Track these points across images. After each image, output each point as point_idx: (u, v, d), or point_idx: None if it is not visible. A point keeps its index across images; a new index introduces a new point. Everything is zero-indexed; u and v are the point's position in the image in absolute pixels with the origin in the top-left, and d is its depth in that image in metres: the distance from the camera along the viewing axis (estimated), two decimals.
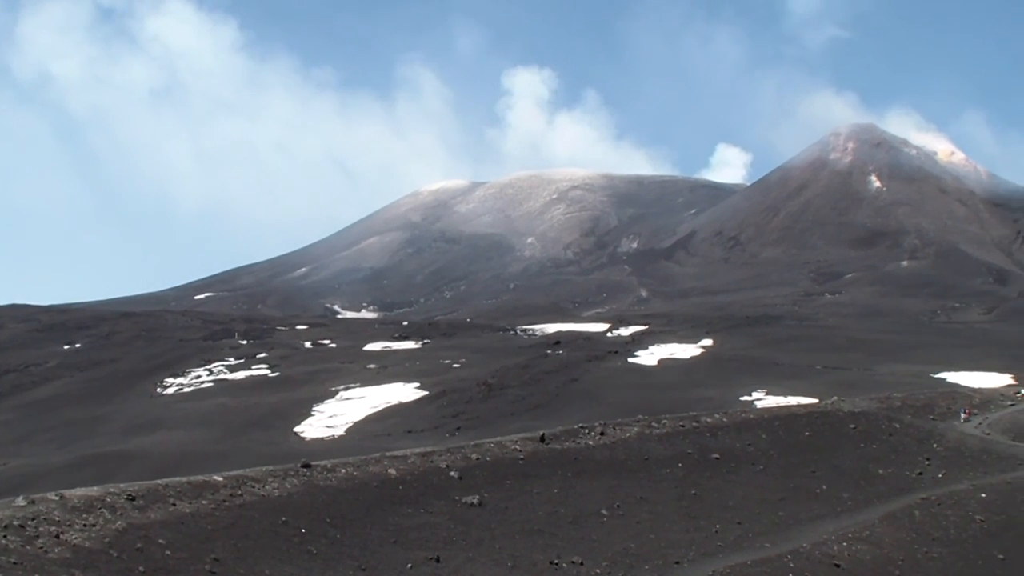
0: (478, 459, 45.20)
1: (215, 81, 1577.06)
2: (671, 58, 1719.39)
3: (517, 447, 48.10)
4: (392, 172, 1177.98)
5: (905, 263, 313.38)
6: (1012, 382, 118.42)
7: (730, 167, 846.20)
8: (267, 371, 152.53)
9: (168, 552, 29.79)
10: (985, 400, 80.00)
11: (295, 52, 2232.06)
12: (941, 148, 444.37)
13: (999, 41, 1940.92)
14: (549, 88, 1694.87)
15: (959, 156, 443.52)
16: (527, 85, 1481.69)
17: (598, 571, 34.89)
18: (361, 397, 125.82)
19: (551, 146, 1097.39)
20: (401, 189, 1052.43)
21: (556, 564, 34.91)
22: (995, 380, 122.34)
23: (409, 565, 33.14)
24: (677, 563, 36.77)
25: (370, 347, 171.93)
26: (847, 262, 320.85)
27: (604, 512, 41.15)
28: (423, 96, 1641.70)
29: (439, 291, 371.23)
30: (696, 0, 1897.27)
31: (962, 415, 70.85)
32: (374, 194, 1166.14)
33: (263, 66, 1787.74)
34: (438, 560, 33.83)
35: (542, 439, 50.36)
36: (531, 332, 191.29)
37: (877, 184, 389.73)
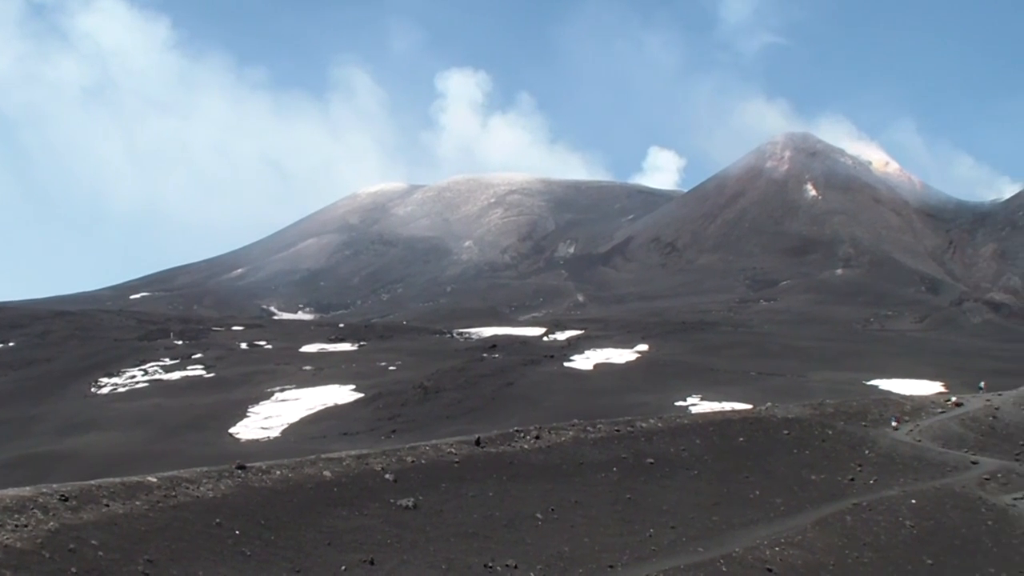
0: (413, 462, 45.14)
1: (148, 80, 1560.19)
2: (605, 62, 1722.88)
3: (452, 450, 48.10)
4: (327, 174, 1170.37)
5: (840, 271, 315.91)
6: (943, 390, 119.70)
7: (663, 171, 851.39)
8: (202, 372, 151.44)
9: (101, 553, 29.57)
10: (916, 407, 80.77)
11: (229, 51, 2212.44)
12: (876, 158, 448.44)
13: (928, 50, 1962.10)
14: (483, 91, 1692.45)
15: (894, 166, 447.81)
16: (461, 87, 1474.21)
17: (532, 575, 35.04)
18: (297, 399, 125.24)
19: (485, 149, 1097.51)
20: (336, 190, 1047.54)
21: (490, 567, 34.97)
22: (926, 388, 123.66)
23: (343, 567, 33.09)
24: (611, 567, 36.96)
25: (306, 349, 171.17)
26: (782, 269, 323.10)
27: (539, 516, 41.24)
28: (357, 97, 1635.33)
29: (376, 293, 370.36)
30: (630, 5, 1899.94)
31: (893, 423, 71.53)
32: (310, 195, 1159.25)
33: (196, 65, 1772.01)
34: (372, 563, 33.80)
35: (477, 442, 50.37)
36: (467, 335, 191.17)
37: (813, 193, 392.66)
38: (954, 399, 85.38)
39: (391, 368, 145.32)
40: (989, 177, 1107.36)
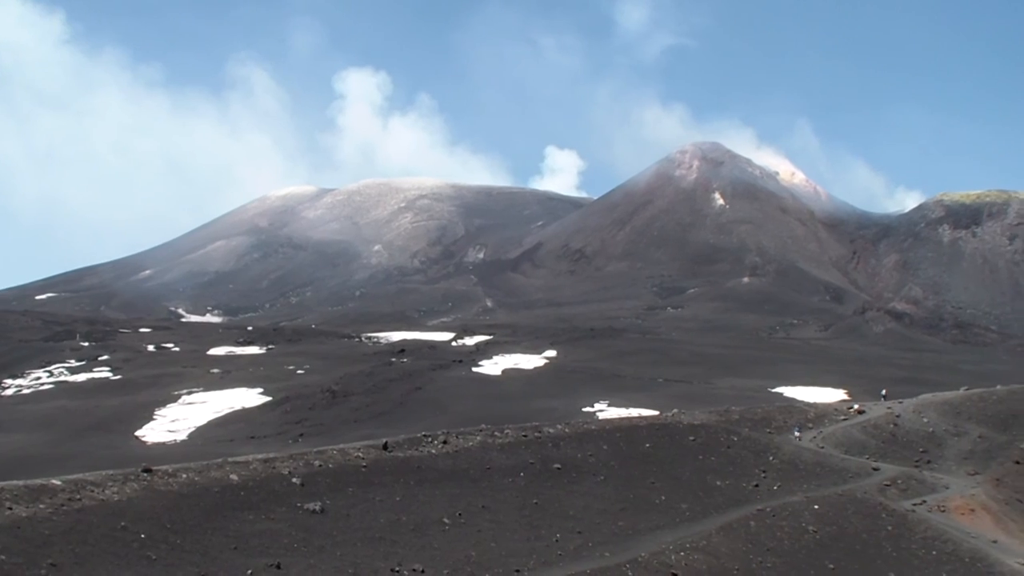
0: (321, 466, 45.05)
1: (42, 75, 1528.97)
2: (505, 65, 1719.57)
3: (360, 454, 48.04)
4: (229, 175, 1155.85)
5: (746, 280, 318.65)
6: (846, 397, 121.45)
7: (563, 172, 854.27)
8: (109, 374, 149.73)
9: (3, 557, 29.29)
10: (820, 415, 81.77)
11: (124, 46, 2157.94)
12: (782, 168, 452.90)
13: (824, 57, 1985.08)
14: (383, 93, 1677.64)
15: (800, 176, 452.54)
16: (361, 88, 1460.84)
17: None
18: (204, 402, 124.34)
19: (386, 152, 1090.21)
20: (238, 192, 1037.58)
21: (397, 572, 35.00)
22: (830, 395, 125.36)
23: (250, 572, 32.95)
24: (517, 572, 37.10)
25: (214, 351, 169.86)
26: (690, 277, 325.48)
27: (446, 520, 41.30)
28: (256, 97, 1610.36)
29: (285, 296, 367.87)
30: (530, 9, 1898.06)
31: (796, 433, 72.35)
32: (212, 197, 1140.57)
33: (92, 61, 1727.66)
34: (279, 567, 33.68)
35: (385, 447, 50.35)
36: (376, 340, 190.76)
37: (720, 202, 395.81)
38: (856, 406, 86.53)
39: (299, 372, 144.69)
40: (886, 186, 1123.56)
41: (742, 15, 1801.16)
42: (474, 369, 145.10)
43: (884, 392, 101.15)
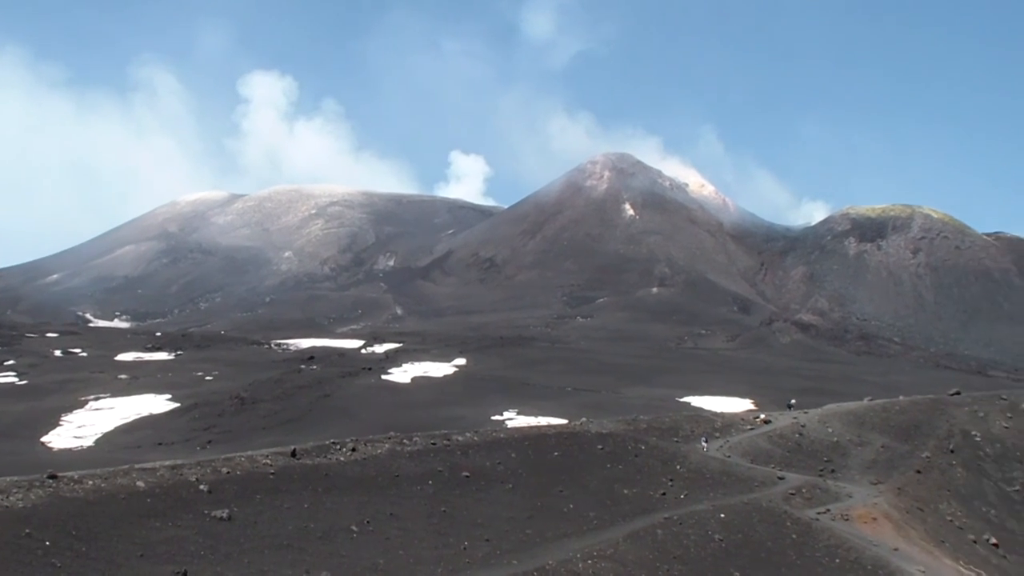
0: (228, 473, 44.73)
1: None
2: (411, 72, 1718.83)
3: (268, 461, 47.77)
4: (135, 178, 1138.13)
5: (655, 290, 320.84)
6: (752, 407, 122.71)
7: (469, 177, 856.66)
8: (14, 379, 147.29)
9: None
10: (726, 424, 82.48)
11: (25, 45, 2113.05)
12: (692, 180, 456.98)
13: (729, 68, 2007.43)
14: (289, 97, 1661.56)
15: (709, 188, 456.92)
16: (267, 92, 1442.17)
17: None
18: (111, 408, 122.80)
19: (292, 157, 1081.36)
20: (143, 196, 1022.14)
21: None
22: (737, 405, 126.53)
23: None
24: None
25: (122, 357, 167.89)
26: (599, 287, 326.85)
27: (354, 528, 41.17)
28: (161, 99, 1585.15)
29: (194, 302, 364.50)
30: (437, 16, 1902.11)
31: (703, 442, 72.87)
32: (118, 200, 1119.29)
33: None
34: (186, 574, 33.42)
35: (293, 454, 50.13)
36: (285, 347, 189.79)
37: (630, 212, 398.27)
38: (763, 416, 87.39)
39: (208, 378, 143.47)
40: (791, 197, 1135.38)
41: (648, 24, 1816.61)
42: (383, 377, 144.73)
43: (793, 401, 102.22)
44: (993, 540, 66.81)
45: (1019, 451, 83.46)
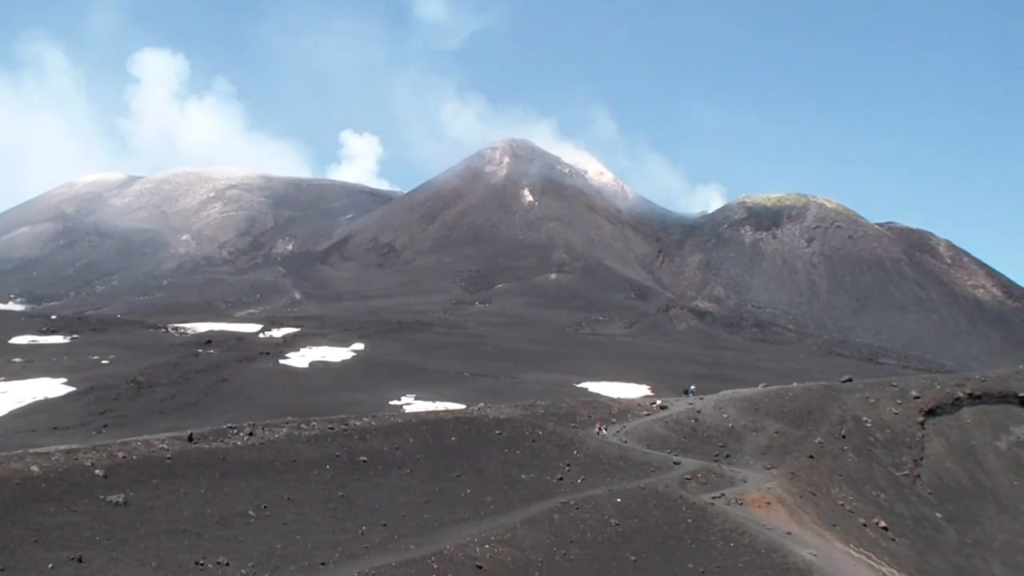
0: (124, 457, 44.24)
1: None
2: (305, 52, 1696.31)
3: (165, 446, 47.33)
4: (24, 158, 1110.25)
5: (553, 276, 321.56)
6: (649, 393, 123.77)
7: (362, 158, 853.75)
8: None
9: None
10: (623, 410, 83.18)
11: None
12: (591, 167, 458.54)
13: (624, 51, 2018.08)
14: (180, 77, 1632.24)
15: (608, 176, 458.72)
16: (158, 71, 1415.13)
17: (243, 572, 34.71)
18: (4, 392, 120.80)
19: (184, 137, 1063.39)
20: (34, 176, 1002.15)
21: (201, 564, 34.59)
22: (633, 391, 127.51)
23: (50, 565, 32.29)
24: (323, 564, 36.99)
25: (16, 340, 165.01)
26: (498, 272, 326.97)
27: (251, 513, 40.96)
28: (50, 77, 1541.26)
29: (90, 285, 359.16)
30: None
31: (604, 431, 73.34)
32: (7, 180, 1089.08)
33: None
34: (81, 560, 33.06)
35: (190, 438, 49.76)
36: (183, 330, 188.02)
37: (530, 199, 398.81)
38: (659, 402, 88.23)
39: (104, 362, 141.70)
40: (685, 183, 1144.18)
41: (542, 5, 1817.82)
42: (281, 361, 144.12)
43: (692, 388, 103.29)
44: (883, 523, 68.19)
45: (908, 436, 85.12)
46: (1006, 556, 76.22)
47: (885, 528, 67.89)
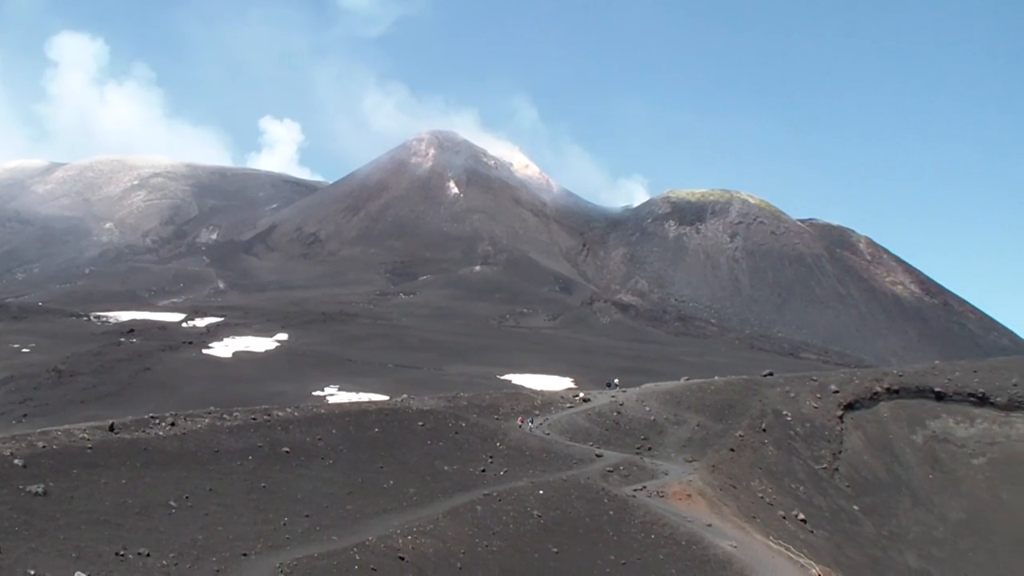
0: (44, 447, 43.92)
1: None
2: (225, 37, 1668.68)
3: (86, 436, 47.03)
4: None
5: (478, 268, 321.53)
6: (572, 386, 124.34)
7: (282, 145, 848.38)
8: None
9: None
10: (547, 402, 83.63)
11: None
12: (517, 160, 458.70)
13: (548, 45, 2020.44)
14: (99, 61, 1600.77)
15: (534, 169, 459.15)
16: (76, 55, 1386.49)
17: (164, 563, 34.57)
18: None
19: (103, 122, 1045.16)
20: None
21: (122, 555, 34.39)
22: (557, 383, 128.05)
23: None
24: (245, 555, 36.95)
25: None
26: (423, 264, 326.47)
27: (173, 503, 40.81)
28: None
29: (11, 272, 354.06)
30: None
31: (530, 423, 73.64)
32: None
33: None
34: None
35: (111, 428, 49.48)
36: (105, 319, 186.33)
37: (455, 190, 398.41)
38: (582, 395, 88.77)
39: (24, 350, 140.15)
40: (608, 176, 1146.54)
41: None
42: (204, 351, 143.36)
43: (616, 381, 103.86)
44: (801, 516, 69.06)
45: (827, 430, 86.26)
46: (920, 548, 77.50)
47: (804, 520, 68.77)
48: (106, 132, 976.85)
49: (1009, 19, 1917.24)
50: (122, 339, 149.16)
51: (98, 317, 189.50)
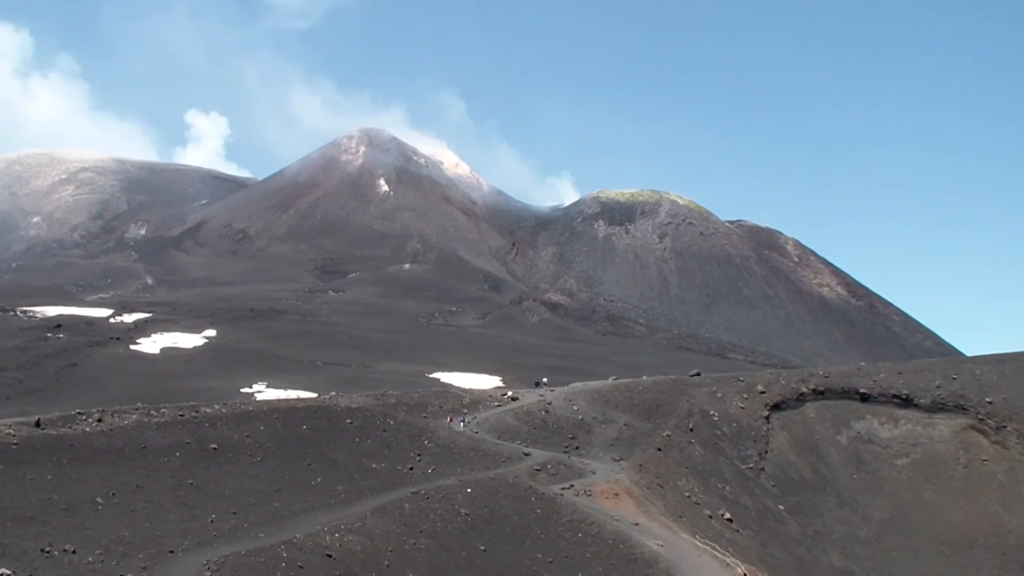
0: None
1: None
2: (153, 31, 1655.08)
3: (11, 431, 46.74)
4: None
5: (407, 266, 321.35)
6: (501, 384, 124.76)
7: (208, 139, 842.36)
8: None
9: None
10: (475, 400, 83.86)
11: None
12: (447, 158, 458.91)
13: (476, 41, 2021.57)
14: (23, 53, 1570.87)
15: (464, 167, 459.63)
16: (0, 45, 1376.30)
17: (91, 559, 34.38)
18: None
19: (27, 115, 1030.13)
20: None
21: (48, 552, 34.19)
22: (485, 382, 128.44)
23: None
24: (171, 552, 36.80)
25: None
26: (352, 261, 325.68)
27: (99, 500, 40.63)
28: None
29: None
30: None
31: (463, 423, 73.82)
32: None
33: None
34: None
35: (37, 424, 49.23)
36: (32, 314, 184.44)
37: (385, 188, 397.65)
38: (510, 393, 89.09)
39: None
40: (535, 175, 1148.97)
41: None
42: (132, 347, 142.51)
43: (544, 380, 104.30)
44: (727, 515, 69.72)
45: (753, 430, 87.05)
46: (844, 547, 78.44)
47: (730, 520, 69.42)
48: (31, 125, 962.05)
49: (928, 22, 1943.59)
50: (49, 334, 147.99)
51: (24, 312, 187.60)
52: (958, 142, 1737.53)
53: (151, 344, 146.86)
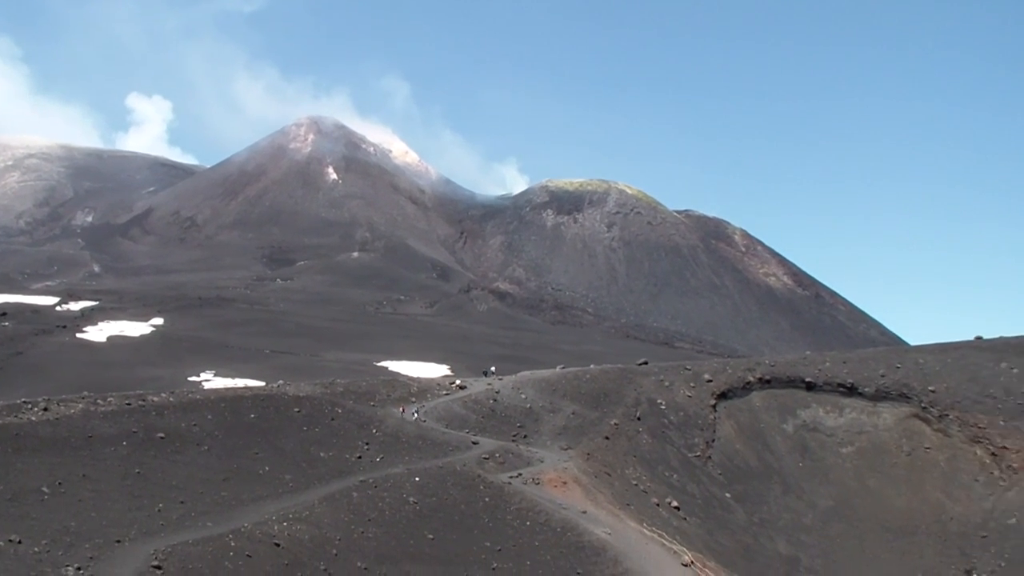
0: None
1: None
2: (95, 16, 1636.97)
3: None
4: None
5: (356, 254, 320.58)
6: (449, 373, 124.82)
7: (151, 123, 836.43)
8: None
9: None
10: (423, 389, 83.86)
11: None
12: (396, 147, 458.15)
13: (424, 23, 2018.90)
14: None
15: (412, 156, 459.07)
16: None
17: (37, 549, 34.22)
18: None
19: None
20: None
21: None
22: (433, 370, 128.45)
23: None
24: (118, 542, 36.66)
25: None
26: (300, 249, 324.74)
27: (45, 490, 40.45)
28: None
29: None
30: None
31: (414, 414, 73.85)
32: None
33: None
34: None
35: None
36: None
37: (334, 176, 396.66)
38: (458, 382, 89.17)
39: None
40: (481, 162, 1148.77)
41: None
42: (78, 335, 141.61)
43: (493, 369, 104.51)
44: (675, 503, 70.15)
45: (700, 419, 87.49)
46: (790, 534, 79.05)
47: (677, 508, 69.85)
48: None
49: (871, 12, 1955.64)
50: None
51: None
52: (902, 132, 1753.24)
53: (98, 332, 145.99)
